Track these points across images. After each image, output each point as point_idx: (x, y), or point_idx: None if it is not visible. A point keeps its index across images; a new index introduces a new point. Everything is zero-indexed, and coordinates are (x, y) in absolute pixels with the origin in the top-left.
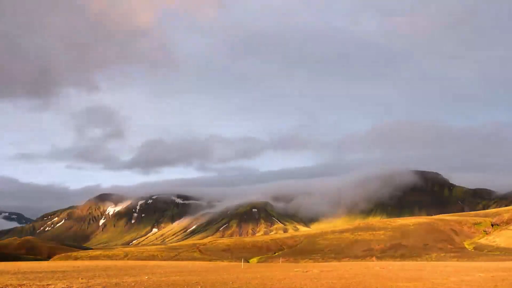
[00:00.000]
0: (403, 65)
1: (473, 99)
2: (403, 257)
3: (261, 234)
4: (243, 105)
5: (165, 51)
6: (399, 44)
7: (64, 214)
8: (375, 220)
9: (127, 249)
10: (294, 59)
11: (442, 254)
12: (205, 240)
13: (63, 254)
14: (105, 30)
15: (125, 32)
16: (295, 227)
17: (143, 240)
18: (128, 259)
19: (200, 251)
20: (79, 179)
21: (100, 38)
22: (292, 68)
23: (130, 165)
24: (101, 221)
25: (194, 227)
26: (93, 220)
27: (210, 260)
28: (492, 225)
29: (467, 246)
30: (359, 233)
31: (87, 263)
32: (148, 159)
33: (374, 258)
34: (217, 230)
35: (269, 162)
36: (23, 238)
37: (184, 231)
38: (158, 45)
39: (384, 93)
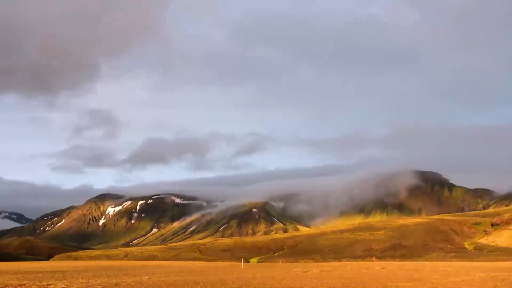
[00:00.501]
0: (406, 63)
1: (474, 99)
2: (403, 257)
3: (261, 234)
4: (244, 102)
5: (165, 44)
6: (402, 41)
7: (64, 214)
8: (375, 220)
9: (127, 249)
10: (302, 51)
11: (442, 254)
12: (205, 240)
13: (63, 254)
14: (100, 24)
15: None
16: (295, 227)
17: (143, 240)
18: (128, 259)
19: (200, 251)
20: (78, 179)
21: (96, 33)
22: (299, 61)
23: (129, 164)
24: (101, 221)
25: (194, 227)
26: (93, 220)
27: (210, 260)
28: (492, 225)
29: (467, 246)
30: (359, 233)
31: (87, 263)
32: (147, 158)
33: (374, 258)
34: (217, 230)
35: (270, 162)
36: (23, 238)
37: (184, 231)
38: (158, 37)
39: (385, 93)
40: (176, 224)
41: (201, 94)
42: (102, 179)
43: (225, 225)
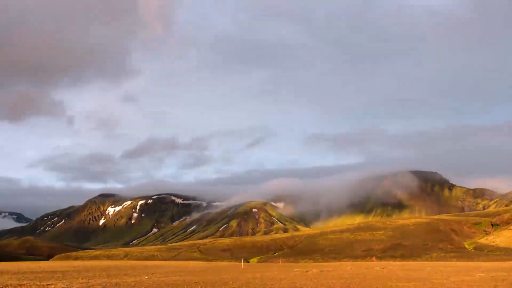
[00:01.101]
0: (406, 64)
1: (474, 99)
2: (403, 257)
3: (261, 234)
4: (245, 97)
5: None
6: (402, 41)
7: (64, 214)
8: (375, 220)
9: (127, 249)
10: (303, 49)
11: (442, 254)
12: (205, 240)
13: (63, 254)
14: (100, 22)
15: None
16: (295, 227)
17: (143, 240)
18: (128, 259)
19: (200, 251)
20: (78, 179)
21: (96, 31)
22: (300, 61)
23: (129, 164)
24: (101, 221)
25: (194, 227)
26: (93, 220)
27: (210, 260)
28: (492, 225)
29: (467, 246)
30: (359, 233)
31: (87, 263)
32: (147, 157)
33: (374, 258)
34: (217, 230)
35: (270, 161)
36: (23, 238)
37: (184, 231)
38: (158, 28)
39: (386, 92)
40: (176, 224)
41: (201, 93)
42: (102, 179)
43: (225, 225)
